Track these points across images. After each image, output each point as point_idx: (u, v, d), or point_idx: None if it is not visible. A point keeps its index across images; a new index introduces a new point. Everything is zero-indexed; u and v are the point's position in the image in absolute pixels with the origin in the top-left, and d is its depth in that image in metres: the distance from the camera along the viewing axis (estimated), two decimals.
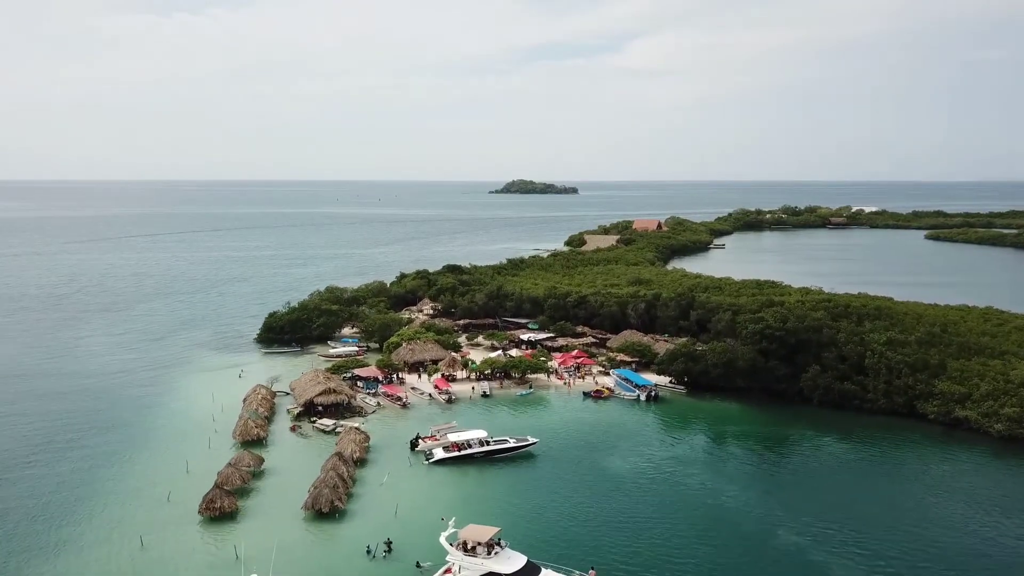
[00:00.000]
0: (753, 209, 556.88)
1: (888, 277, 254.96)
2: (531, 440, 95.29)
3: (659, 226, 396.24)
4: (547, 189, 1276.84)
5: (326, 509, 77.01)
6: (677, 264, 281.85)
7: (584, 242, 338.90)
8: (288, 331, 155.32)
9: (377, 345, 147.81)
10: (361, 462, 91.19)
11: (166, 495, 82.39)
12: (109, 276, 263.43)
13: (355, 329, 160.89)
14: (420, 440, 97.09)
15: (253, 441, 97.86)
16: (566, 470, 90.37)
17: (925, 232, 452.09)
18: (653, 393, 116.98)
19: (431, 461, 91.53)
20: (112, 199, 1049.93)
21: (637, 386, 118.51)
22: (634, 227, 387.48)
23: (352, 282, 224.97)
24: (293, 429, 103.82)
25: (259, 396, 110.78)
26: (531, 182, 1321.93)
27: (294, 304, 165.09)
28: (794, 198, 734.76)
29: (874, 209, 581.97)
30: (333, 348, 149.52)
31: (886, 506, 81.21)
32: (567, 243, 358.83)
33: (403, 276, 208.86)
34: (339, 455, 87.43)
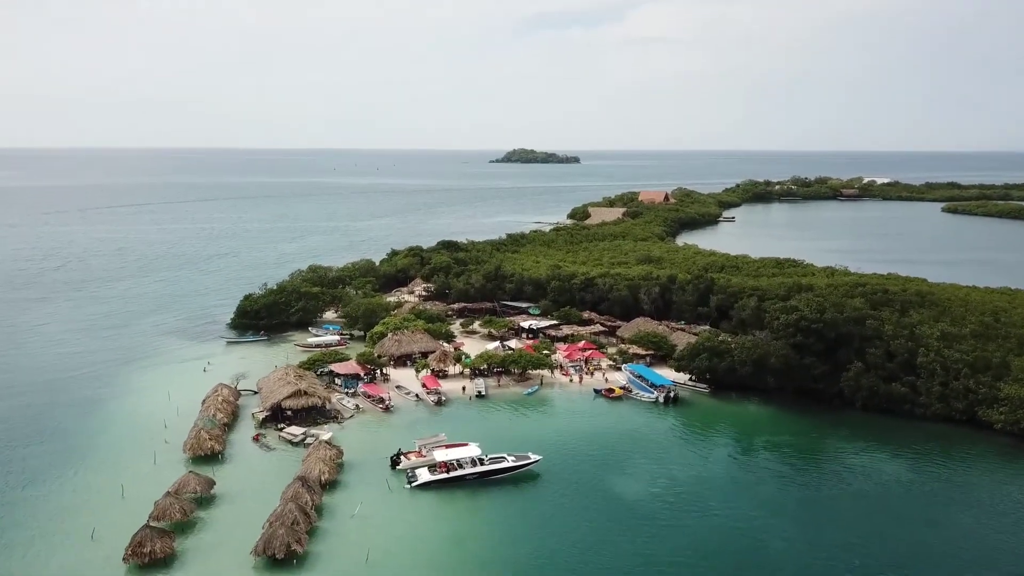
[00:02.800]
0: (762, 180, 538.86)
1: (911, 254, 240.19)
2: (533, 458, 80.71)
3: (666, 198, 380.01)
4: (548, 158, 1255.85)
5: (280, 555, 62.57)
6: (686, 239, 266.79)
7: (588, 215, 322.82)
8: (264, 316, 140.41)
9: (362, 333, 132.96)
10: (330, 485, 76.69)
11: (91, 531, 67.96)
12: (92, 252, 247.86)
13: (339, 313, 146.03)
14: (403, 456, 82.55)
15: (206, 456, 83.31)
16: (574, 497, 75.84)
17: (941, 205, 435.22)
18: (672, 394, 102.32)
19: (414, 485, 76.97)
20: (104, 168, 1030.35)
21: (654, 385, 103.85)
22: (640, 199, 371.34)
23: (342, 258, 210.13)
24: (256, 439, 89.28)
25: (219, 398, 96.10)
26: (532, 151, 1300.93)
27: (272, 286, 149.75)
28: (802, 168, 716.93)
29: (886, 180, 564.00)
30: (315, 337, 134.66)
31: (959, 546, 66.83)
32: (570, 216, 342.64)
33: (394, 253, 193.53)
34: (302, 480, 72.81)
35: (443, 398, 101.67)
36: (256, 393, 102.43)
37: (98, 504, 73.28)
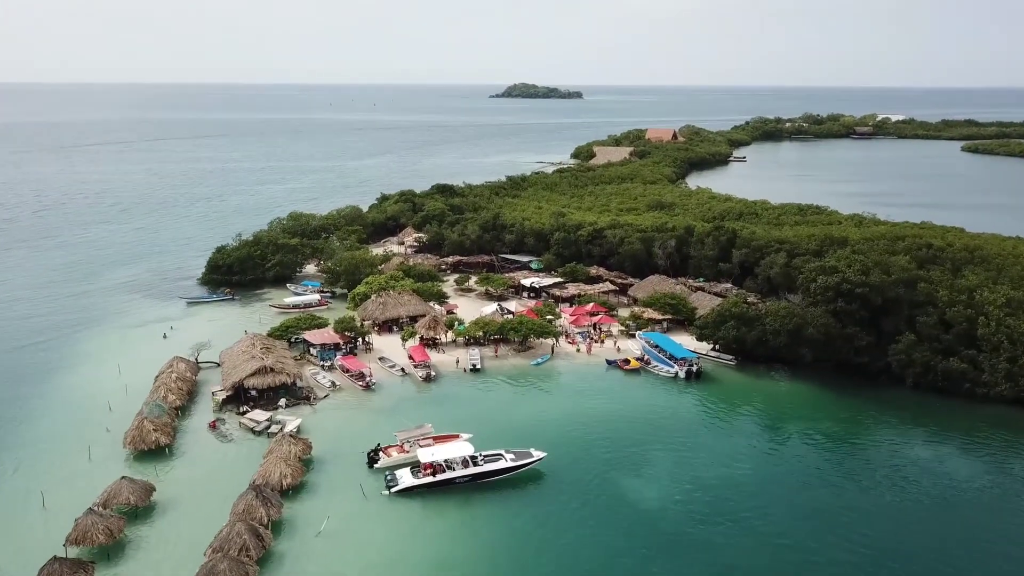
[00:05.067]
0: (772, 118, 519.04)
1: (938, 197, 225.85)
2: (535, 456, 67.99)
3: (674, 136, 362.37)
4: (550, 94, 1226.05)
5: None
6: (696, 180, 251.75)
7: (593, 154, 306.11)
8: (237, 271, 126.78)
9: (345, 291, 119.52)
10: (294, 490, 64.19)
11: None
12: (71, 195, 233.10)
13: (319, 268, 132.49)
14: (381, 453, 69.87)
15: (151, 450, 70.66)
16: (585, 506, 63.20)
17: (961, 144, 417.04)
18: (695, 369, 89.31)
19: (394, 491, 64.36)
20: (93, 104, 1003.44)
21: (674, 358, 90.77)
22: (647, 137, 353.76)
23: (331, 202, 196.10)
24: (213, 426, 76.52)
25: (173, 376, 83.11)
26: (533, 86, 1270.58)
27: (248, 236, 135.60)
28: (813, 105, 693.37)
29: (901, 118, 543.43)
30: (295, 295, 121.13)
31: None
32: (574, 155, 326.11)
33: (384, 199, 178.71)
34: (256, 491, 60.10)
35: (433, 373, 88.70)
36: (220, 366, 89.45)
37: (9, 519, 60.76)
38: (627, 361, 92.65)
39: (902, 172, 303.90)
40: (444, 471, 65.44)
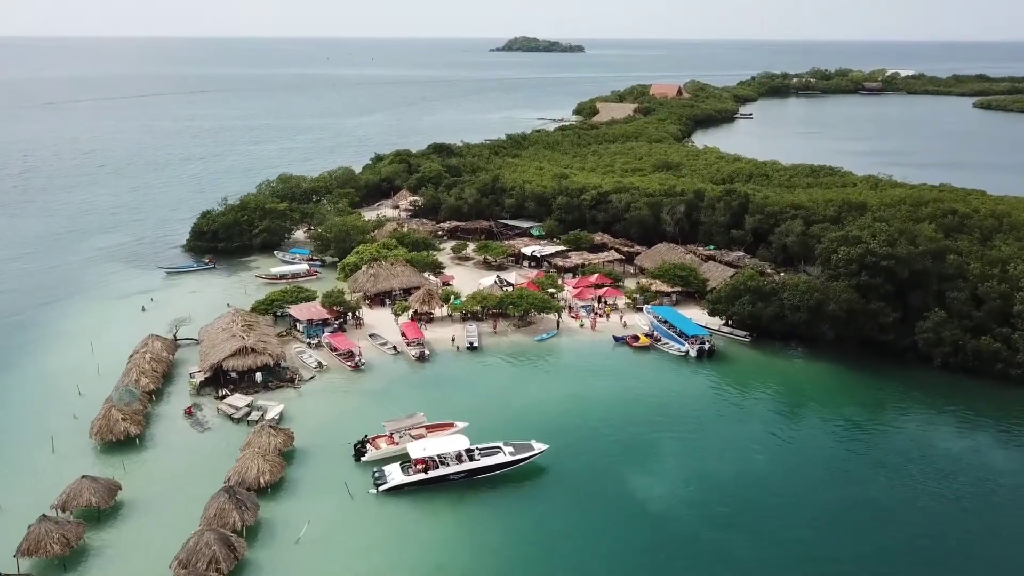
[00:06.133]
0: (779, 73, 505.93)
1: (953, 156, 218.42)
2: (537, 448, 62.43)
3: (679, 92, 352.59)
4: (551, 47, 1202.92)
5: None
6: (703, 138, 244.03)
7: (596, 111, 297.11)
8: (223, 238, 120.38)
9: (336, 259, 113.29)
10: (273, 488, 58.77)
11: None
12: (60, 154, 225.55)
13: (308, 235, 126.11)
14: (369, 444, 64.33)
15: (119, 441, 65.11)
16: (589, 506, 57.74)
17: (972, 100, 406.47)
18: (707, 347, 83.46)
19: (383, 489, 58.88)
20: (86, 58, 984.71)
21: (685, 335, 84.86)
22: (652, 93, 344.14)
23: (325, 162, 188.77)
24: (189, 412, 70.89)
25: (147, 356, 77.26)
26: (534, 39, 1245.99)
27: (235, 200, 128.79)
28: (820, 59, 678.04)
29: (910, 73, 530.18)
30: (283, 263, 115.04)
31: None
32: (577, 112, 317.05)
33: (378, 159, 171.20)
34: (229, 492, 54.57)
35: (427, 352, 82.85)
36: (199, 343, 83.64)
37: None
38: (636, 337, 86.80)
39: (913, 130, 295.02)
40: (437, 467, 59.97)
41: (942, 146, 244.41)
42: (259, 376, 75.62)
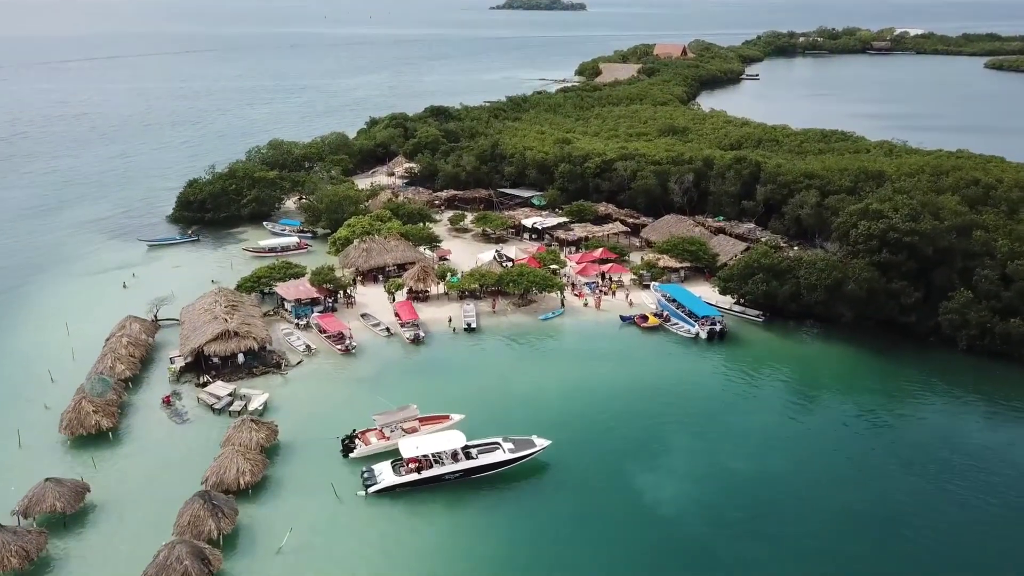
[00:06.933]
0: (785, 32, 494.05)
1: (965, 120, 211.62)
2: (538, 444, 58.08)
3: (684, 52, 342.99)
4: (552, 5, 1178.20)
5: None
6: (708, 100, 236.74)
7: (599, 71, 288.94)
8: (210, 208, 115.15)
9: (328, 231, 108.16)
10: (255, 489, 54.54)
11: None
12: (49, 117, 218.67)
13: (299, 205, 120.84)
14: (358, 439, 60.00)
15: (91, 436, 60.76)
16: (594, 511, 53.48)
17: (983, 61, 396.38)
18: (719, 329, 78.80)
19: (373, 490, 54.61)
20: (78, 16, 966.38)
21: (694, 315, 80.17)
22: (656, 53, 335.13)
23: (317, 126, 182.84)
24: (167, 401, 66.48)
25: (124, 340, 72.63)
26: None
27: (222, 168, 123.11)
28: (826, 17, 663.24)
29: (920, 32, 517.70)
30: (273, 235, 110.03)
31: None
32: (579, 72, 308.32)
33: (373, 123, 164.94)
34: (205, 497, 50.26)
35: (421, 334, 78.21)
36: (180, 324, 78.91)
37: None
38: (644, 318, 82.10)
39: (924, 92, 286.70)
40: (431, 466, 55.64)
41: (955, 109, 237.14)
42: (241, 357, 71.15)
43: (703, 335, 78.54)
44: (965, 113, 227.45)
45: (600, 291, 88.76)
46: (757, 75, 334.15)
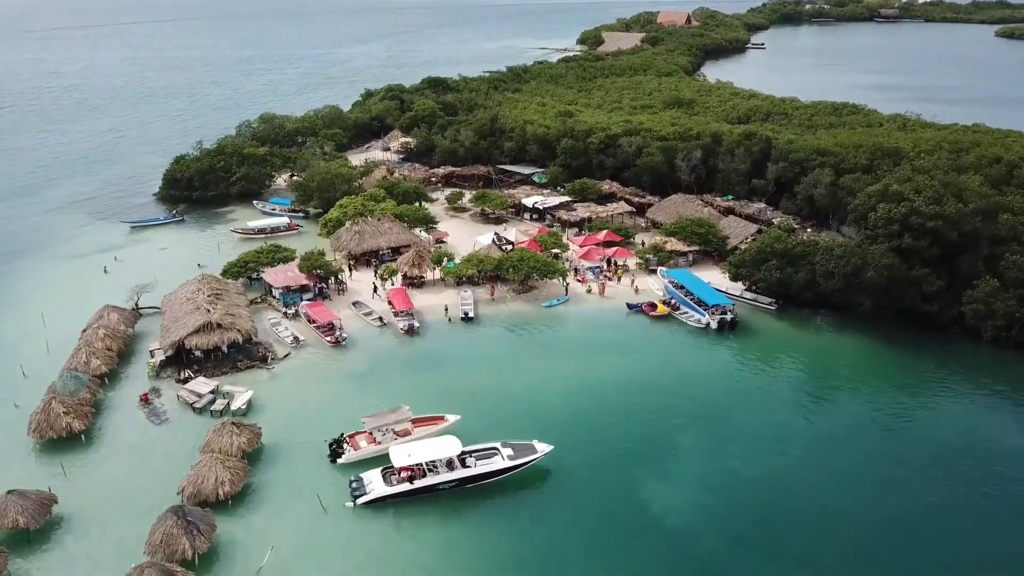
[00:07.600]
0: None
1: (978, 92, 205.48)
2: (540, 450, 54.11)
3: (688, 20, 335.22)
4: None
5: None
6: (713, 70, 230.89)
7: (602, 40, 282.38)
8: (198, 186, 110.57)
9: (320, 210, 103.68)
10: (235, 499, 50.73)
11: None
12: (39, 89, 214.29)
13: (289, 184, 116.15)
14: (347, 443, 56.10)
15: (61, 439, 56.87)
16: (598, 524, 49.54)
17: (994, 29, 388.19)
18: (730, 318, 74.63)
19: (362, 502, 50.78)
20: None
21: (704, 304, 75.97)
22: (659, 22, 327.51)
23: (313, 98, 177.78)
24: (145, 399, 62.49)
25: (100, 332, 68.50)
26: None
27: (210, 144, 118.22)
28: None
29: None
30: (263, 214, 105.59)
31: None
32: (581, 41, 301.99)
33: (368, 95, 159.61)
34: (179, 514, 46.41)
35: (416, 324, 74.07)
36: (162, 313, 74.79)
37: None
38: (653, 306, 77.86)
39: (935, 61, 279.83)
40: (424, 476, 51.76)
41: (967, 80, 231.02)
42: (224, 348, 67.17)
43: (713, 325, 74.39)
44: (977, 84, 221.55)
45: (604, 276, 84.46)
46: (763, 44, 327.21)
